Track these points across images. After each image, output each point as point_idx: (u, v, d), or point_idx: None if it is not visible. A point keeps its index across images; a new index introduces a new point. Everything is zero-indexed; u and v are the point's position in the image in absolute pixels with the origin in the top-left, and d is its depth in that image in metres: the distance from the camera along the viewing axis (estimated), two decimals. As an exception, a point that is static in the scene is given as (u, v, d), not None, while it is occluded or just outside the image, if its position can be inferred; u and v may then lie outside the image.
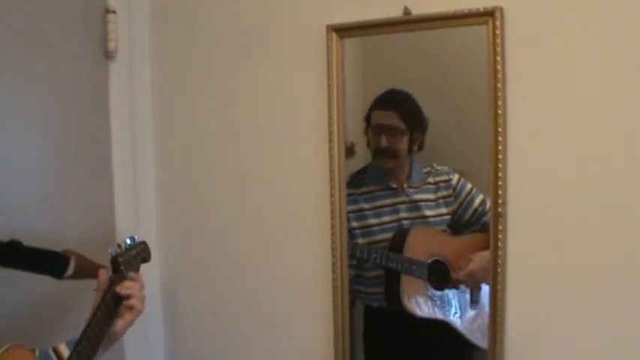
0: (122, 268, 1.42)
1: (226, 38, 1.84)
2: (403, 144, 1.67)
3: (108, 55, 1.84)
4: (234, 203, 1.89)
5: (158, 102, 1.97)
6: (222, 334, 1.94)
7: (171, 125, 1.97)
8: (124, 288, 1.33)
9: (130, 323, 1.35)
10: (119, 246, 1.46)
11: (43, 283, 1.48)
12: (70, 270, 1.44)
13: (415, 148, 1.68)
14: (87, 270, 1.48)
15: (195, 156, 1.94)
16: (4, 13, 1.56)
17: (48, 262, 1.44)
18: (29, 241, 1.46)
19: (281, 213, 1.81)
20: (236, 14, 1.83)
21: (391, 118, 1.67)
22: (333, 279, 1.71)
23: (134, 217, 1.92)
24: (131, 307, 1.33)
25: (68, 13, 1.75)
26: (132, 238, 1.53)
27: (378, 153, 1.70)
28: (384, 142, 1.67)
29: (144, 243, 1.59)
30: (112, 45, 1.83)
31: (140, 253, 1.55)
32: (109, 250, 1.42)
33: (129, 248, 1.50)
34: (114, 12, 1.83)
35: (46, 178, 1.70)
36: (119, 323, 1.33)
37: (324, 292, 1.73)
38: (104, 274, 1.36)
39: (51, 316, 1.68)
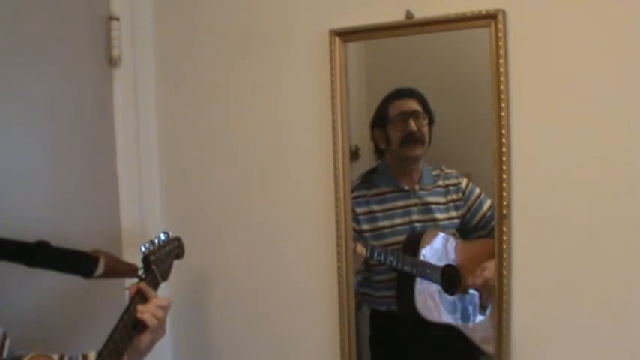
0: (153, 267, 1.41)
1: (230, 44, 1.85)
2: (427, 130, 1.66)
3: (112, 61, 1.84)
4: (238, 207, 1.89)
5: (162, 108, 1.98)
6: (227, 337, 1.94)
7: (175, 131, 1.97)
8: (140, 311, 1.31)
9: (151, 341, 1.34)
10: (152, 242, 1.44)
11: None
12: (100, 269, 1.42)
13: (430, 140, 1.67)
14: (117, 269, 1.47)
15: (199, 161, 1.94)
16: (8, 20, 1.56)
17: (77, 261, 1.42)
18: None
19: (286, 217, 1.81)
20: (240, 20, 1.83)
21: (414, 104, 1.66)
22: (339, 282, 1.71)
23: (140, 222, 1.92)
24: (146, 326, 1.32)
25: (72, 21, 1.75)
26: (166, 234, 1.51)
27: (407, 140, 1.67)
28: (413, 126, 1.65)
29: (178, 239, 1.57)
30: (115, 52, 1.84)
31: (173, 249, 1.53)
32: (142, 247, 1.41)
33: (162, 245, 1.48)
34: (117, 19, 1.84)
35: (51, 185, 1.70)
36: (142, 340, 1.32)
37: (329, 295, 1.73)
38: (133, 290, 1.35)
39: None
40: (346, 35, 1.65)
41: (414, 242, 1.68)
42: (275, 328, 1.86)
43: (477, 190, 1.67)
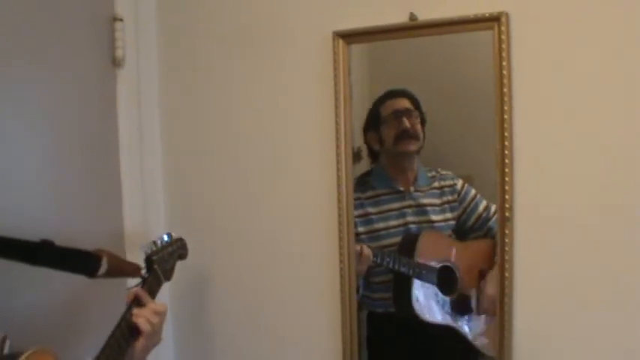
0: (156, 266, 1.41)
1: (233, 45, 1.85)
2: (420, 128, 1.68)
3: (115, 62, 1.84)
4: (240, 207, 1.89)
5: (165, 109, 1.98)
6: (229, 337, 1.94)
7: (179, 132, 1.97)
8: (135, 315, 1.30)
9: (145, 347, 1.31)
10: (154, 243, 1.45)
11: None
12: (103, 269, 1.41)
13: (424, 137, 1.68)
14: (120, 269, 1.46)
15: (202, 162, 1.94)
16: (11, 21, 1.56)
17: (80, 261, 1.41)
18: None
19: (289, 217, 1.82)
20: (243, 21, 1.84)
21: (406, 103, 1.68)
22: (341, 284, 1.71)
23: (143, 224, 1.92)
24: (140, 332, 1.30)
25: (75, 21, 1.75)
26: (169, 235, 1.52)
27: (401, 137, 1.69)
28: (406, 123, 1.67)
29: (181, 240, 1.57)
30: (119, 53, 1.84)
31: (176, 250, 1.53)
32: (144, 248, 1.41)
33: (165, 245, 1.48)
34: (121, 20, 1.84)
35: (54, 186, 1.70)
36: (137, 345, 1.30)
37: (331, 296, 1.73)
38: (130, 296, 1.33)
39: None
40: (350, 37, 1.65)
41: (409, 243, 1.69)
42: (277, 328, 1.86)
43: (473, 192, 1.68)
